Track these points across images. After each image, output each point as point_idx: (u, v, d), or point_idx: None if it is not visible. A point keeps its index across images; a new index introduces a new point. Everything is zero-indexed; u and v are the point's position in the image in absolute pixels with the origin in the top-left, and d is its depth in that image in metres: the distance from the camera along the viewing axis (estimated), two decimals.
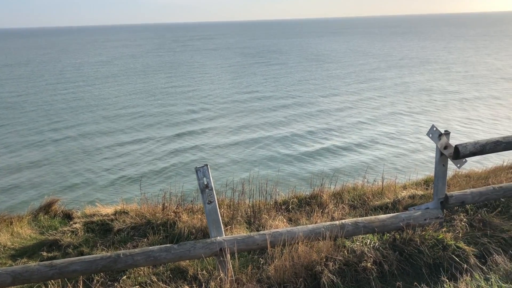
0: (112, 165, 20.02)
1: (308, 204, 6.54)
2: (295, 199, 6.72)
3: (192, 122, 28.38)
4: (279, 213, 6.20)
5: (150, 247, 4.51)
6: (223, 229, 4.63)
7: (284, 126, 26.50)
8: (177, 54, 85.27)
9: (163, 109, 32.37)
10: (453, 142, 5.02)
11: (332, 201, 6.56)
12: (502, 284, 3.75)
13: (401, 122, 26.70)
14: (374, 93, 36.71)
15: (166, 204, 6.29)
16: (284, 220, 5.86)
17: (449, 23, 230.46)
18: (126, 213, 6.41)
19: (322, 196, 6.68)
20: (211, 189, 4.51)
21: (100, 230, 6.13)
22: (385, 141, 22.76)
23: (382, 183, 6.93)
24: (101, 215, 6.49)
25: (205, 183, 4.49)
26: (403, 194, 6.42)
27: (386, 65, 55.91)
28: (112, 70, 60.01)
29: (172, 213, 6.03)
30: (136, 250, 4.47)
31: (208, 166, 4.56)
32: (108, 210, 6.72)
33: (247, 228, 5.85)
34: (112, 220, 6.27)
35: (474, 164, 11.11)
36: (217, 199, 6.52)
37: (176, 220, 5.91)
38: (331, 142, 22.72)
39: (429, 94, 35.34)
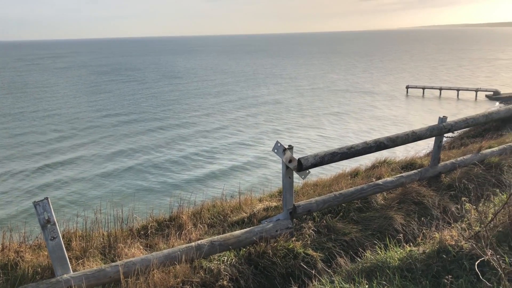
0: None
1: (168, 227, 6.41)
2: (154, 223, 6.52)
3: (46, 153, 26.10)
4: (136, 239, 5.96)
5: None
6: (69, 266, 4.29)
7: (141, 152, 25.87)
8: (24, 74, 78.20)
9: (12, 140, 29.14)
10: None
11: (191, 221, 6.51)
12: (345, 285, 4.06)
13: (267, 138, 27.88)
14: (242, 112, 37.87)
15: (6, 244, 5.62)
16: (141, 247, 5.64)
17: (301, 42, 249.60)
18: None
19: (182, 217, 6.58)
20: (54, 224, 4.16)
21: None
22: (246, 157, 23.57)
23: (239, 198, 7.11)
24: None
25: (46, 218, 4.12)
26: (258, 207, 6.66)
27: (254, 83, 58.21)
28: None
29: (13, 253, 5.40)
30: None
31: (49, 199, 4.20)
32: None
33: (102, 259, 5.51)
34: None
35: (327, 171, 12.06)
36: (69, 231, 6.04)
37: (19, 261, 5.31)
38: (193, 163, 22.85)
39: (299, 109, 37.63)
